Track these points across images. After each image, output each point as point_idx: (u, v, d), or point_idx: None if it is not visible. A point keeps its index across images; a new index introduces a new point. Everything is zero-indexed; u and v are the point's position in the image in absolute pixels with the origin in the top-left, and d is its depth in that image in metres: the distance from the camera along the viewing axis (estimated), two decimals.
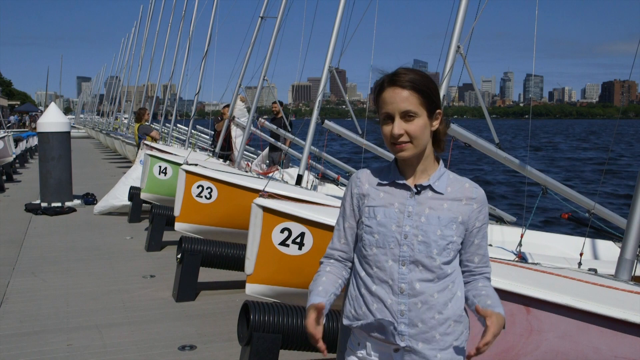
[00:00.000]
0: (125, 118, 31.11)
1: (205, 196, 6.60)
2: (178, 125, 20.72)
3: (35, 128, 21.36)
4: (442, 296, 1.98)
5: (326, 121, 7.01)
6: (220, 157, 10.26)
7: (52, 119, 11.23)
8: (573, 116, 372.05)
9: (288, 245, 4.56)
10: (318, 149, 8.02)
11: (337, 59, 7.11)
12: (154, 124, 17.39)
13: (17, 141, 22.61)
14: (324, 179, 9.12)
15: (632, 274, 3.18)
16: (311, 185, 8.04)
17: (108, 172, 18.29)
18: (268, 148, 11.68)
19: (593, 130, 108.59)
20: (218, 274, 6.46)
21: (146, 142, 11.04)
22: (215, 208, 6.61)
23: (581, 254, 3.95)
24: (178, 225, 6.72)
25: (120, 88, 39.42)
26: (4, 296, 5.99)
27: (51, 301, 5.83)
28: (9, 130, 25.98)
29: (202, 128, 19.68)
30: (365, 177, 2.10)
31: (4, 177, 15.41)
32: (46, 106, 16.44)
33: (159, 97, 24.20)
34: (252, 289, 4.62)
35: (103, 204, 10.66)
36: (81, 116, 65.98)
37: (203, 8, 15.48)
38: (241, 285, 5.02)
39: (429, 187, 2.02)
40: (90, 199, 11.85)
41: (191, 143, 14.00)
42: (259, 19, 9.87)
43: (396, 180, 2.04)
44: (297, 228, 4.55)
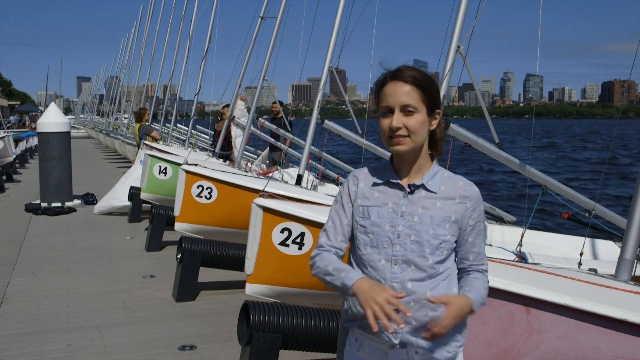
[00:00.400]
0: (125, 118, 31.09)
1: (205, 196, 6.60)
2: (178, 125, 20.73)
3: (35, 128, 21.36)
4: (435, 294, 1.98)
5: (326, 121, 7.01)
6: (220, 157, 10.26)
7: (52, 119, 11.23)
8: (573, 116, 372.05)
9: (288, 245, 4.56)
10: (318, 149, 8.02)
11: (337, 59, 7.11)
12: (154, 124, 17.39)
13: (17, 141, 22.62)
14: (324, 179, 9.12)
15: (632, 274, 3.18)
16: (311, 185, 8.04)
17: (108, 172, 18.29)
18: (268, 148, 11.68)
19: (595, 130, 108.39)
20: (218, 274, 6.46)
21: (146, 142, 11.04)
22: (215, 208, 6.61)
23: (581, 254, 3.95)
24: (178, 225, 6.72)
25: (120, 88, 39.42)
26: (4, 296, 5.99)
27: (51, 301, 5.83)
28: (9, 130, 25.99)
29: (202, 128, 19.68)
30: (362, 176, 2.11)
31: (4, 177, 15.41)
32: (46, 106, 16.44)
33: (159, 97, 24.20)
34: (252, 289, 4.62)
35: (103, 204, 10.66)
36: (81, 116, 65.98)
37: (203, 8, 15.49)
38: (241, 285, 5.02)
39: (422, 187, 2.03)
40: (90, 199, 11.85)
41: (191, 143, 14.00)
42: (259, 19, 9.87)
43: (390, 179, 2.05)
44: (297, 228, 4.55)
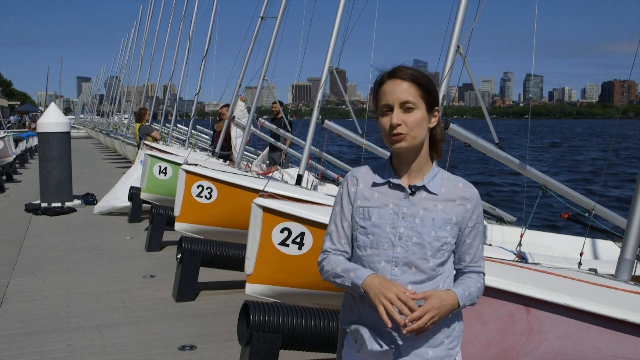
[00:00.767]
0: (125, 118, 31.08)
1: (205, 196, 6.60)
2: (178, 125, 20.73)
3: (35, 128, 21.36)
4: None
5: (326, 121, 7.01)
6: (220, 157, 10.26)
7: (52, 119, 11.23)
8: (573, 116, 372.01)
9: (288, 245, 4.56)
10: (318, 149, 8.02)
11: (337, 59, 7.11)
12: (154, 124, 17.39)
13: (17, 141, 22.61)
14: (324, 179, 9.12)
15: (632, 274, 3.18)
16: (311, 185, 8.04)
17: (108, 172, 18.29)
18: (268, 148, 11.68)
19: (598, 130, 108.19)
20: (218, 274, 6.46)
21: (146, 142, 11.04)
22: (215, 208, 6.61)
23: (581, 254, 3.95)
24: (178, 225, 6.72)
25: (120, 88, 39.42)
26: (4, 296, 5.99)
27: (51, 301, 5.83)
28: (9, 130, 25.99)
29: (202, 128, 19.68)
30: (361, 176, 2.10)
31: (4, 177, 15.41)
32: (46, 106, 16.44)
33: (159, 97, 24.20)
34: (252, 289, 4.62)
35: (103, 204, 10.66)
36: (81, 116, 65.97)
37: (203, 8, 15.49)
38: (241, 285, 5.02)
39: (423, 188, 2.02)
40: (90, 199, 11.85)
41: (191, 143, 13.99)
42: (259, 19, 9.87)
43: (391, 179, 2.04)
44: (297, 228, 4.55)
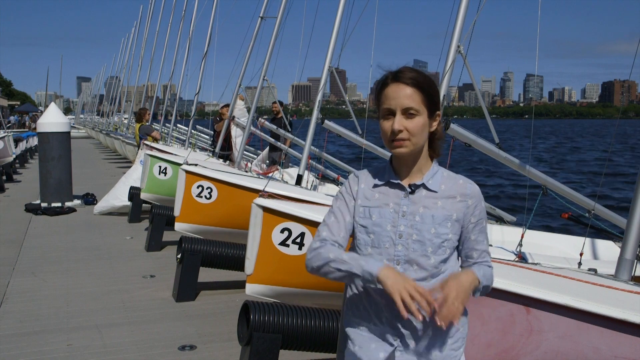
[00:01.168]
0: (125, 118, 31.08)
1: (205, 196, 6.60)
2: (178, 125, 20.72)
3: (35, 128, 21.36)
4: (437, 294, 1.96)
5: (326, 121, 7.01)
6: (220, 157, 10.26)
7: (52, 119, 11.23)
8: (573, 116, 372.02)
9: (288, 245, 4.56)
10: (318, 149, 8.02)
11: (337, 59, 7.11)
12: (154, 124, 17.39)
13: (17, 141, 22.61)
14: (324, 179, 9.12)
15: (632, 274, 3.18)
16: (311, 185, 8.04)
17: (108, 172, 18.29)
18: (268, 148, 11.68)
19: (597, 130, 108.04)
20: (218, 274, 6.46)
21: (146, 142, 11.04)
22: (215, 208, 6.61)
23: (581, 254, 3.95)
24: (178, 225, 6.72)
25: (120, 88, 39.41)
26: (4, 296, 5.99)
27: (51, 301, 5.83)
28: (9, 130, 25.98)
29: (202, 128, 19.67)
30: (362, 177, 2.12)
31: (4, 177, 15.41)
32: (46, 106, 16.44)
33: (159, 97, 24.19)
34: (252, 289, 4.62)
35: (103, 204, 10.66)
36: (81, 116, 65.95)
37: (203, 8, 15.48)
38: (241, 285, 5.02)
39: (423, 186, 2.03)
40: (90, 199, 11.85)
41: (191, 143, 13.99)
42: (259, 19, 9.87)
43: (391, 180, 2.05)
44: (297, 228, 4.55)
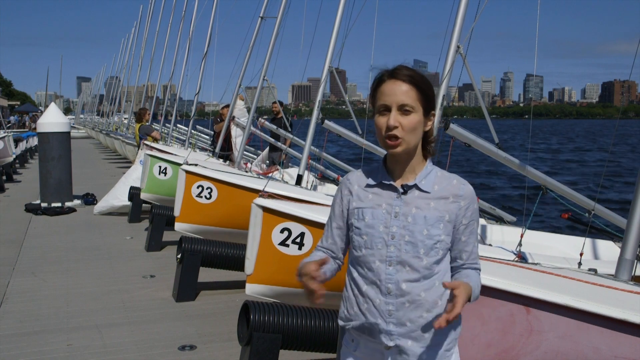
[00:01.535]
0: (125, 118, 31.08)
1: (205, 196, 6.60)
2: (178, 125, 20.72)
3: (35, 128, 21.36)
4: (430, 295, 1.98)
5: (326, 121, 7.01)
6: (220, 157, 10.26)
7: (52, 119, 11.23)
8: (573, 116, 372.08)
9: (288, 245, 4.56)
10: (318, 149, 8.01)
11: (337, 59, 7.11)
12: (154, 124, 17.39)
13: (17, 141, 22.62)
14: (324, 179, 9.12)
15: (632, 274, 3.18)
16: (311, 185, 8.04)
17: (108, 172, 18.29)
18: (268, 148, 11.68)
19: (598, 130, 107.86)
20: (218, 274, 6.46)
21: (146, 142, 11.04)
22: (215, 208, 6.61)
23: (581, 254, 3.94)
24: (178, 225, 6.72)
25: (120, 88, 39.41)
26: (4, 296, 5.99)
27: (51, 301, 5.83)
28: (9, 130, 25.99)
29: (202, 128, 19.68)
30: (354, 179, 2.12)
31: (4, 177, 15.41)
32: (46, 106, 16.44)
33: (159, 98, 24.20)
34: (252, 289, 4.62)
35: (103, 204, 10.66)
36: (81, 116, 65.96)
37: (203, 8, 15.48)
38: (241, 285, 5.02)
39: (415, 187, 2.02)
40: (90, 199, 11.85)
41: (191, 143, 13.99)
42: (259, 19, 9.87)
43: (383, 181, 2.05)
44: (297, 228, 4.55)
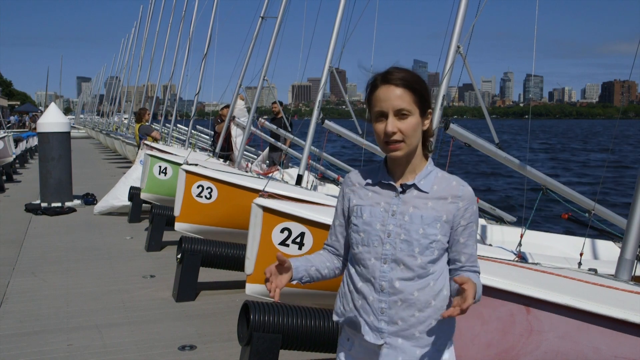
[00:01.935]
0: (125, 118, 31.08)
1: (205, 196, 6.60)
2: (178, 125, 20.72)
3: (35, 128, 21.36)
4: (423, 294, 1.98)
5: (326, 121, 7.00)
6: (220, 157, 10.26)
7: (52, 119, 11.23)
8: (573, 116, 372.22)
9: (288, 245, 4.56)
10: (318, 149, 8.01)
11: (337, 59, 7.10)
12: (154, 124, 17.39)
13: (17, 141, 22.62)
14: (324, 179, 9.12)
15: (632, 274, 3.18)
16: (311, 185, 8.04)
17: (108, 172, 18.29)
18: (268, 148, 11.68)
19: (597, 130, 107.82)
20: (218, 274, 6.46)
21: (146, 142, 11.04)
22: (215, 208, 6.61)
23: (581, 254, 3.95)
24: (178, 225, 6.72)
25: (120, 88, 39.41)
26: (4, 296, 5.99)
27: (51, 301, 5.83)
28: (9, 130, 25.99)
29: (202, 128, 19.68)
30: (355, 178, 2.14)
31: (4, 177, 15.41)
32: (46, 106, 16.44)
33: (159, 98, 24.19)
34: (252, 289, 4.62)
35: (103, 204, 10.65)
36: (81, 116, 65.94)
37: (203, 8, 15.47)
38: (241, 285, 5.02)
39: (414, 186, 2.03)
40: (90, 199, 11.85)
41: (191, 143, 13.99)
42: (259, 19, 9.88)
43: (383, 180, 2.06)
44: (297, 228, 4.55)
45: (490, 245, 4.75)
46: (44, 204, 11.00)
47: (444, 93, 4.34)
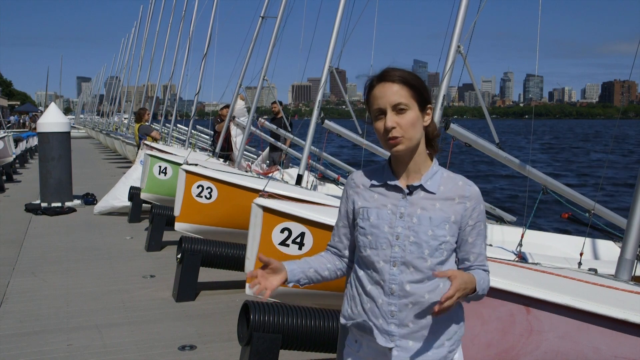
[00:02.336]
0: (125, 118, 31.08)
1: (205, 196, 6.60)
2: (178, 125, 20.72)
3: (35, 128, 21.36)
4: (434, 296, 1.97)
5: (326, 121, 7.00)
6: (220, 157, 10.26)
7: (52, 119, 11.23)
8: (573, 116, 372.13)
9: (288, 245, 4.56)
10: (318, 149, 8.01)
11: (337, 59, 7.10)
12: (154, 124, 17.38)
13: (17, 141, 22.61)
14: (324, 179, 9.12)
15: (632, 274, 3.18)
16: (311, 185, 8.04)
17: (108, 172, 18.29)
18: (268, 148, 11.68)
19: (597, 131, 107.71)
20: (218, 274, 6.46)
21: (146, 142, 11.04)
22: (215, 208, 6.61)
23: (581, 254, 3.95)
24: (178, 225, 6.72)
25: (120, 88, 39.41)
26: (4, 296, 5.99)
27: (51, 301, 5.83)
28: (9, 130, 25.98)
29: (202, 128, 19.68)
30: (359, 179, 2.11)
31: (4, 177, 15.41)
32: (46, 106, 16.44)
33: (159, 98, 24.20)
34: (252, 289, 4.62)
35: (103, 204, 10.65)
36: (81, 116, 65.95)
37: (203, 8, 15.49)
38: (241, 285, 5.03)
39: (421, 187, 2.01)
40: (90, 199, 11.85)
41: (191, 143, 13.99)
42: (259, 19, 9.88)
43: (388, 181, 2.04)
44: (297, 228, 4.55)
45: (490, 245, 4.75)
46: (44, 204, 11.00)
47: (444, 93, 4.34)
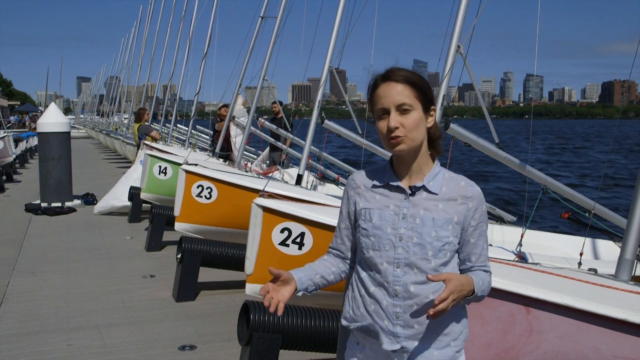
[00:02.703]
0: (125, 118, 31.08)
1: (205, 196, 6.60)
2: (178, 125, 20.72)
3: (35, 128, 21.36)
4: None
5: (326, 121, 7.00)
6: (220, 157, 10.26)
7: (52, 119, 11.23)
8: (573, 116, 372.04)
9: (288, 245, 4.56)
10: (318, 149, 8.01)
11: (337, 59, 7.10)
12: (154, 124, 17.39)
13: (17, 141, 22.61)
14: (324, 179, 9.12)
15: (632, 274, 3.18)
16: (311, 185, 8.04)
17: (108, 172, 18.29)
18: (268, 148, 11.68)
19: (597, 131, 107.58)
20: (218, 274, 6.46)
21: (146, 142, 11.04)
22: (215, 208, 6.61)
23: (581, 254, 3.95)
24: (178, 225, 6.72)
25: (120, 88, 39.42)
26: (4, 296, 5.99)
27: (51, 301, 5.83)
28: (9, 130, 25.98)
29: (202, 128, 19.68)
30: (360, 180, 2.10)
31: (4, 177, 15.41)
32: (46, 106, 16.44)
33: (159, 97, 24.21)
34: (252, 289, 4.62)
35: (103, 204, 10.66)
36: (81, 116, 65.95)
37: (203, 8, 15.50)
38: (241, 285, 5.02)
39: (423, 188, 2.00)
40: (90, 199, 11.85)
41: (191, 143, 14.00)
42: (259, 19, 9.88)
43: (390, 182, 2.03)
44: (297, 228, 4.55)
45: (490, 245, 4.74)
46: (44, 204, 11.00)
47: (444, 93, 4.34)
